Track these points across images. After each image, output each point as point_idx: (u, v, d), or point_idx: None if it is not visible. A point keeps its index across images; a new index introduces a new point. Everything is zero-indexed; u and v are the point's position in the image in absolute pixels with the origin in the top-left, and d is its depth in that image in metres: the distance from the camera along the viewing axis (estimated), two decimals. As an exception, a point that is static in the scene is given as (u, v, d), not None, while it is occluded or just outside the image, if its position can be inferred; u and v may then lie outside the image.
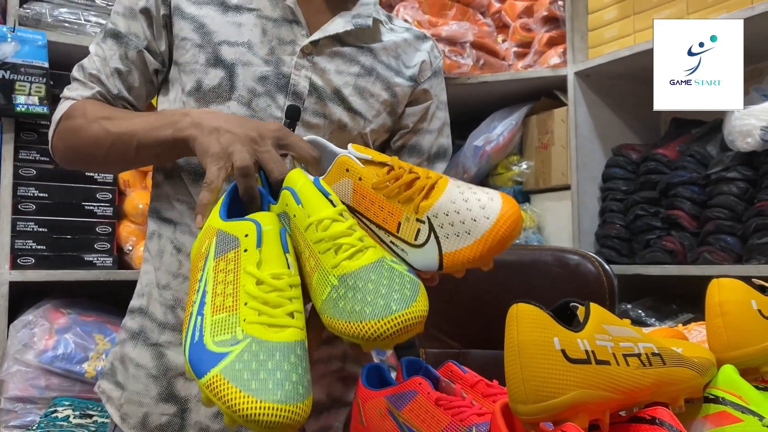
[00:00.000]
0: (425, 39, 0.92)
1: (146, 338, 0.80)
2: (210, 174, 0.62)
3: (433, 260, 0.57)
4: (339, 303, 0.54)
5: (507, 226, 0.56)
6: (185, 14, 0.79)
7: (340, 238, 0.56)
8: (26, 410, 1.49)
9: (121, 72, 0.80)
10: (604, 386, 0.47)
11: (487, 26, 2.15)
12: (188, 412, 0.77)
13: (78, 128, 0.78)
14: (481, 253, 0.56)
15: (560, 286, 1.25)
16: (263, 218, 0.57)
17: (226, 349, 0.50)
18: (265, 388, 0.48)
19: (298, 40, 0.80)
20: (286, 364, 0.50)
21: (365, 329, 0.52)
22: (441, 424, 0.56)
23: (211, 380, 0.49)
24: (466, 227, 0.56)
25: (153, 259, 0.83)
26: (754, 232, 1.52)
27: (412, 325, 0.52)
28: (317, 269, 0.56)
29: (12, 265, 1.55)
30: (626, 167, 1.87)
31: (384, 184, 0.60)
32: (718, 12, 1.60)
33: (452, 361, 0.68)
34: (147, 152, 0.74)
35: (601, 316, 0.51)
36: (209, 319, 0.53)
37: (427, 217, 0.58)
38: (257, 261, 0.54)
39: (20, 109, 1.54)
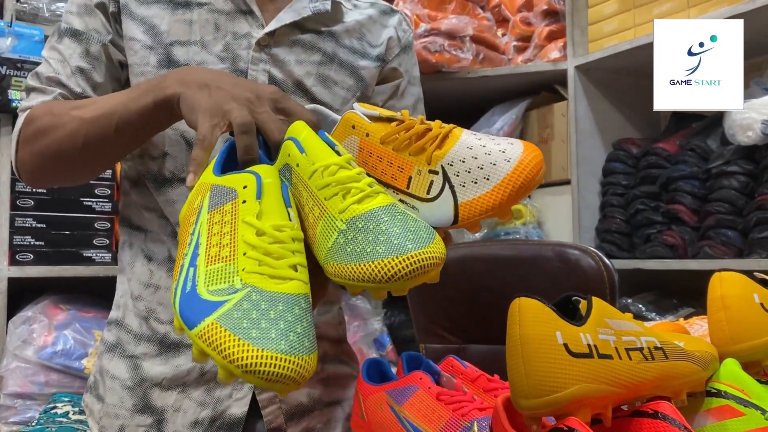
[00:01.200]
0: (392, 13, 0.87)
1: (122, 350, 0.79)
2: (202, 129, 0.56)
3: (447, 213, 0.53)
4: (347, 247, 0.48)
5: (530, 169, 0.51)
6: (134, 14, 0.75)
7: (348, 183, 0.51)
8: (26, 406, 1.49)
9: (83, 69, 0.74)
10: (607, 380, 0.47)
11: (486, 20, 2.14)
12: (165, 422, 0.75)
13: (44, 128, 0.71)
14: (501, 199, 0.51)
15: (560, 281, 1.25)
16: (263, 170, 0.52)
17: (223, 297, 0.46)
18: (267, 337, 0.43)
19: (254, 32, 0.76)
20: (290, 315, 0.45)
21: (378, 269, 0.46)
22: (442, 419, 0.56)
23: (206, 329, 0.44)
24: (485, 172, 0.51)
25: (125, 269, 0.80)
26: (755, 226, 1.52)
27: (429, 265, 0.46)
28: (322, 217, 0.51)
29: (11, 261, 1.55)
30: (626, 161, 1.87)
31: (393, 136, 0.55)
32: (718, 5, 1.60)
33: (453, 356, 0.68)
34: (130, 129, 0.66)
35: (603, 310, 0.51)
36: (203, 270, 0.48)
37: (441, 167, 0.53)
38: (257, 212, 0.49)
39: (16, 105, 1.53)
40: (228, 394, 0.76)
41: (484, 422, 0.55)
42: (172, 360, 0.76)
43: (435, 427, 0.56)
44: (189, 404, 0.75)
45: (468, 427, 0.55)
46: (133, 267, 0.79)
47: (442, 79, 2.01)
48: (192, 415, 0.75)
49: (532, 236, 1.98)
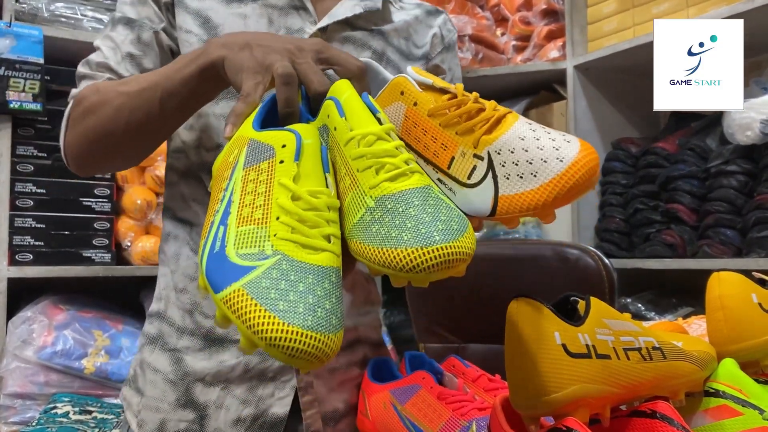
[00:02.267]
0: (438, 13, 0.89)
1: (164, 343, 0.78)
2: (246, 87, 0.56)
3: (485, 203, 0.49)
4: (372, 227, 0.46)
5: (582, 173, 0.47)
6: (188, 7, 0.76)
7: (383, 157, 0.48)
8: (26, 406, 1.49)
9: (134, 56, 0.75)
10: (605, 380, 0.47)
11: (485, 20, 2.14)
12: (207, 419, 0.75)
13: (92, 106, 0.71)
14: (546, 199, 0.47)
15: (560, 280, 1.25)
16: (303, 130, 0.50)
17: (252, 263, 0.44)
18: (294, 310, 0.41)
19: (306, 27, 0.77)
20: (320, 289, 0.43)
21: (400, 257, 0.44)
22: (442, 419, 0.56)
23: (231, 295, 0.43)
24: (533, 168, 0.48)
25: (169, 261, 0.80)
26: (754, 226, 1.52)
27: (455, 260, 0.44)
28: (352, 189, 0.49)
29: (10, 262, 1.55)
30: (626, 161, 1.87)
31: (443, 110, 0.52)
32: (717, 5, 1.60)
33: (455, 356, 0.68)
34: (174, 100, 0.65)
35: (601, 311, 0.51)
36: (233, 230, 0.46)
37: (488, 153, 0.50)
38: (294, 174, 0.47)
39: (13, 106, 1.53)
40: (270, 393, 0.75)
41: (483, 422, 0.55)
42: (216, 355, 0.75)
43: (435, 426, 0.56)
44: (231, 401, 0.75)
45: (467, 426, 0.55)
46: (178, 260, 0.78)
47: (441, 78, 2.01)
48: (234, 413, 0.75)
49: (532, 236, 1.98)
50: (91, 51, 0.79)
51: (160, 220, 1.88)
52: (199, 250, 0.48)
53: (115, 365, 1.55)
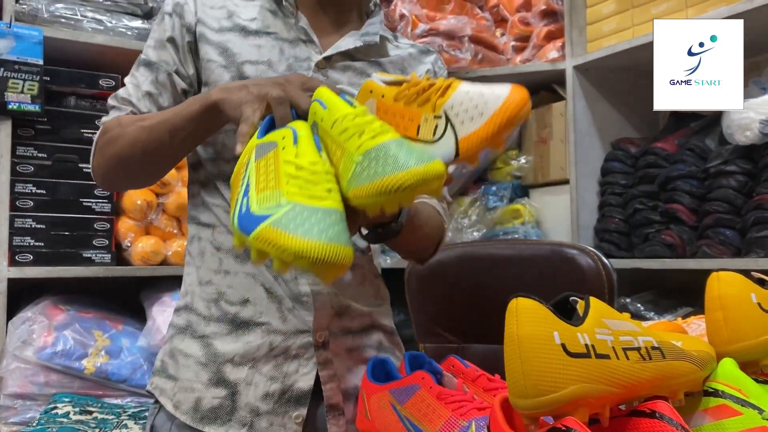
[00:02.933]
0: (429, 52, 1.00)
1: (193, 331, 0.86)
2: (246, 113, 0.69)
3: (450, 148, 0.62)
4: (363, 173, 0.58)
5: (516, 103, 0.61)
6: (210, 41, 0.87)
7: (363, 125, 0.60)
8: (26, 407, 1.49)
9: (151, 94, 0.88)
10: (604, 380, 0.47)
11: (485, 20, 2.14)
12: (238, 394, 0.82)
13: (115, 137, 0.84)
14: (494, 129, 0.60)
15: (559, 280, 1.25)
16: (297, 125, 0.64)
17: (273, 211, 0.56)
18: (311, 231, 0.53)
19: (313, 57, 0.89)
20: (328, 219, 0.55)
21: (386, 183, 0.56)
22: (441, 419, 0.56)
23: (261, 232, 0.55)
24: (479, 110, 0.61)
25: (194, 259, 0.89)
26: (753, 226, 1.52)
27: (429, 178, 0.56)
28: (343, 156, 0.60)
29: (10, 262, 1.55)
30: (625, 161, 1.87)
31: (404, 92, 0.66)
32: (716, 5, 1.60)
33: (454, 356, 0.68)
34: (180, 134, 0.79)
35: (600, 310, 0.51)
36: (254, 196, 0.59)
37: (444, 111, 0.63)
38: (295, 153, 0.60)
39: (12, 108, 1.53)
40: (295, 369, 0.83)
41: (482, 422, 0.55)
42: (242, 337, 0.83)
43: (434, 426, 0.56)
44: (260, 378, 0.83)
45: (466, 426, 0.55)
46: (203, 257, 0.88)
47: (440, 79, 2.01)
48: (263, 389, 0.82)
49: (531, 236, 1.99)
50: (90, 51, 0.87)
51: (160, 220, 1.89)
52: (230, 218, 0.60)
53: (116, 365, 1.55)
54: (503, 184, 2.12)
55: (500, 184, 2.13)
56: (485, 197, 2.13)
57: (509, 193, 2.10)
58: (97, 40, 1.65)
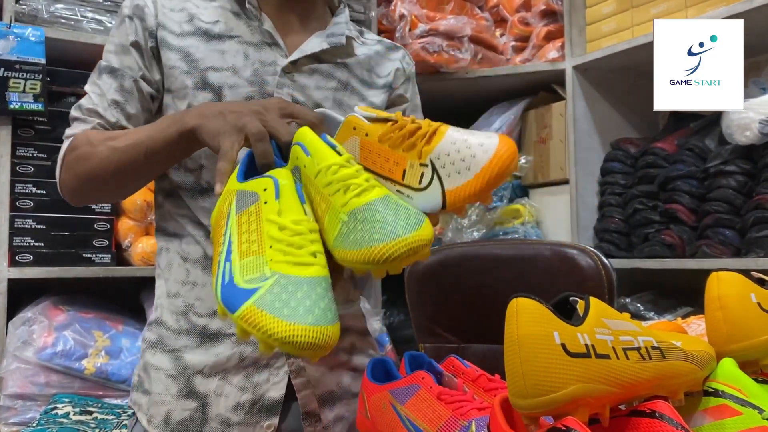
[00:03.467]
0: (396, 49, 0.99)
1: (164, 346, 0.85)
2: (224, 147, 0.66)
3: (436, 199, 0.61)
4: (349, 236, 0.57)
5: (504, 160, 0.60)
6: (171, 46, 0.84)
7: (348, 180, 0.59)
8: (26, 407, 1.49)
9: (118, 102, 0.84)
10: (604, 380, 0.47)
11: (485, 20, 2.14)
12: (208, 406, 0.81)
13: (84, 155, 0.81)
14: (481, 186, 0.59)
15: (559, 280, 1.25)
16: (279, 174, 0.61)
17: (257, 285, 0.54)
18: (296, 313, 0.52)
19: (278, 61, 0.86)
20: (314, 294, 0.54)
21: (374, 253, 0.55)
22: (442, 419, 0.56)
23: (246, 312, 0.53)
24: (466, 164, 0.60)
25: (163, 271, 0.88)
26: (753, 226, 1.52)
27: (418, 247, 0.55)
28: (328, 211, 0.59)
29: (10, 263, 1.55)
30: (625, 161, 1.87)
31: (389, 135, 0.64)
32: (716, 5, 1.60)
33: (454, 356, 0.68)
34: (156, 157, 0.77)
35: (600, 310, 0.51)
36: (237, 263, 0.57)
37: (430, 160, 0.61)
38: (277, 210, 0.58)
39: (14, 107, 1.53)
40: (265, 378, 0.82)
41: (482, 422, 0.55)
42: (212, 349, 0.82)
43: (434, 426, 0.56)
44: (230, 389, 0.82)
45: (466, 426, 0.55)
46: (171, 268, 0.86)
47: (440, 79, 2.01)
48: (233, 399, 0.81)
49: (531, 236, 1.99)
50: (90, 51, 0.86)
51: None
52: (213, 285, 0.58)
53: (116, 366, 1.55)
54: (503, 184, 2.13)
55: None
56: (485, 197, 2.13)
57: (509, 193, 2.10)
58: (97, 41, 1.64)
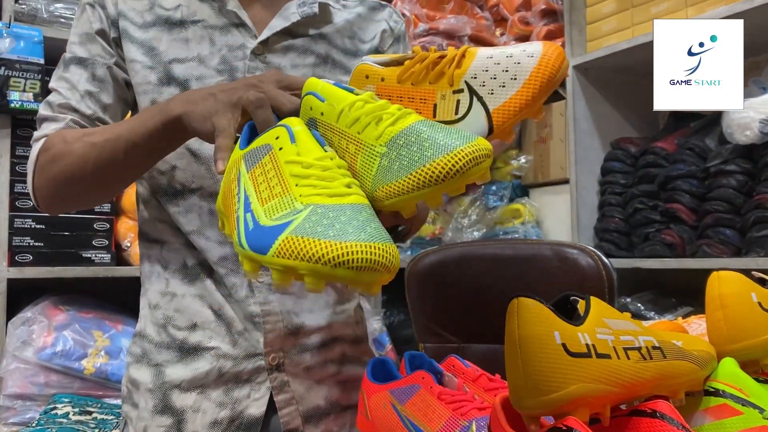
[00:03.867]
0: (381, 8, 0.89)
1: (148, 360, 0.81)
2: (221, 125, 0.59)
3: (481, 124, 0.53)
4: (393, 165, 0.48)
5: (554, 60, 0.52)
6: (133, 38, 0.78)
7: (378, 111, 0.51)
8: (25, 407, 1.49)
9: (92, 93, 0.77)
10: (605, 380, 0.47)
11: (485, 20, 2.14)
12: (184, 423, 0.77)
13: (58, 154, 0.73)
14: (533, 93, 0.51)
15: (559, 280, 1.25)
16: (290, 122, 0.53)
17: (290, 218, 0.45)
18: (345, 232, 0.43)
19: (247, 43, 0.78)
20: (360, 216, 0.45)
21: (432, 170, 0.46)
22: (442, 419, 0.56)
23: (282, 244, 0.43)
24: (511, 73, 0.52)
25: (144, 281, 0.84)
26: (753, 225, 1.52)
27: (479, 156, 0.46)
28: (360, 151, 0.50)
29: (10, 262, 1.55)
30: (625, 161, 1.87)
31: (409, 71, 0.56)
32: (716, 5, 1.60)
33: (454, 356, 0.68)
34: (138, 151, 0.69)
35: (601, 310, 0.51)
36: (260, 209, 0.48)
37: (465, 83, 0.53)
38: (296, 152, 0.49)
39: (14, 106, 1.53)
40: (246, 394, 0.77)
41: (482, 422, 0.55)
42: (191, 364, 0.78)
43: (435, 426, 0.56)
44: (208, 405, 0.77)
45: (467, 426, 0.55)
46: (151, 278, 0.82)
47: (440, 78, 2.01)
48: (211, 416, 0.77)
49: (531, 235, 1.99)
50: None
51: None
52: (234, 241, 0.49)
53: (115, 366, 1.55)
54: (503, 183, 2.13)
55: (500, 183, 2.13)
56: (485, 197, 2.13)
57: (509, 193, 2.10)
58: (97, 40, 1.65)
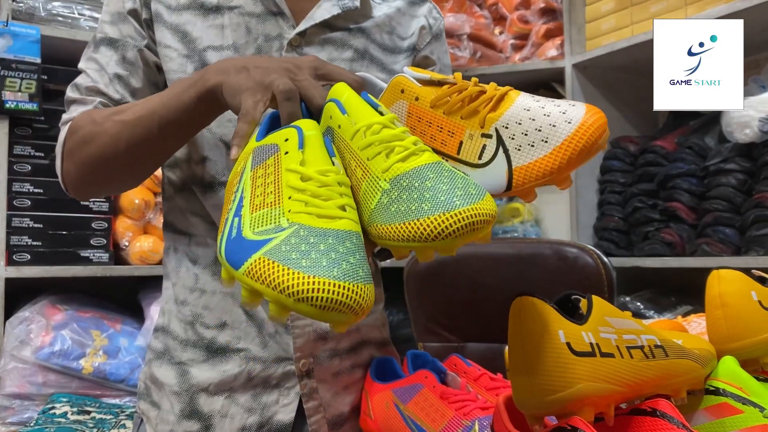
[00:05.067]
0: (421, 3, 0.86)
1: (171, 357, 0.78)
2: (246, 106, 0.56)
3: (500, 178, 0.50)
4: (391, 207, 0.46)
5: (592, 132, 0.47)
6: (166, 22, 0.75)
7: (392, 141, 0.49)
8: (24, 407, 1.48)
9: (121, 76, 0.75)
10: (610, 379, 0.46)
11: (484, 18, 2.14)
12: (212, 428, 0.75)
13: (88, 136, 0.71)
14: (561, 162, 0.47)
15: (559, 279, 1.25)
16: (304, 124, 0.51)
17: (270, 236, 0.44)
18: (318, 265, 0.41)
19: (285, 33, 0.76)
20: (342, 247, 0.42)
21: (424, 226, 0.44)
22: (445, 418, 0.56)
23: (253, 265, 0.42)
24: (543, 134, 0.48)
25: (170, 274, 0.81)
26: (753, 224, 1.52)
27: (478, 222, 0.44)
28: (365, 178, 0.49)
29: (8, 262, 1.55)
30: (624, 159, 1.87)
31: (444, 99, 0.53)
32: (715, 4, 1.60)
33: (456, 355, 0.68)
34: (172, 127, 0.66)
35: (603, 309, 0.51)
36: (248, 217, 0.47)
37: (495, 129, 0.50)
38: (300, 160, 0.48)
39: (9, 106, 1.52)
40: (275, 399, 0.75)
41: (485, 421, 0.55)
42: (219, 365, 0.75)
43: (437, 425, 0.56)
44: (236, 410, 0.75)
45: (469, 426, 0.55)
46: (179, 272, 0.79)
47: (439, 77, 2.01)
48: (239, 421, 0.74)
49: (530, 234, 1.98)
50: None
51: (159, 219, 1.88)
52: (217, 245, 0.48)
53: (114, 365, 1.55)
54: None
55: (499, 182, 2.13)
56: (484, 196, 2.13)
57: (508, 192, 2.10)
58: (95, 39, 1.64)
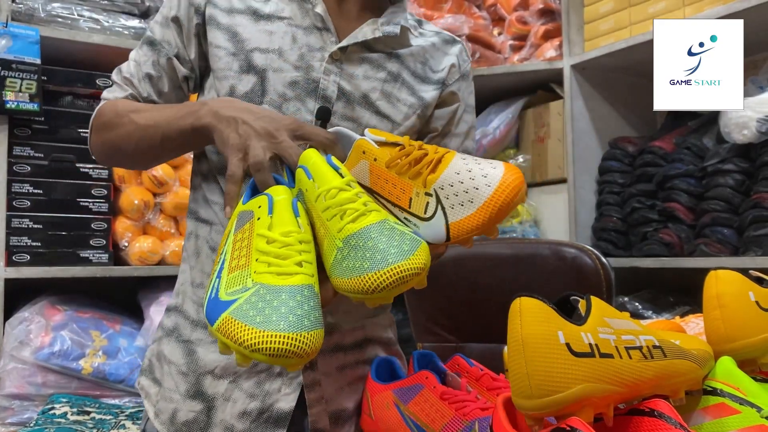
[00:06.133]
0: (454, 42, 0.94)
1: (179, 335, 0.83)
2: (231, 166, 0.67)
3: (441, 231, 0.59)
4: (343, 263, 0.56)
5: (507, 193, 0.57)
6: (219, 24, 0.82)
7: (345, 204, 0.58)
8: (23, 407, 1.48)
9: (152, 77, 0.84)
10: (609, 380, 0.47)
11: (482, 19, 2.14)
12: (214, 410, 0.79)
13: (109, 124, 0.83)
14: (484, 220, 0.57)
15: (557, 279, 1.25)
16: (275, 191, 0.61)
17: (236, 296, 0.54)
18: (268, 320, 0.51)
19: (327, 46, 0.83)
20: (292, 301, 0.53)
21: (365, 283, 0.54)
22: (445, 419, 0.56)
23: (222, 323, 0.53)
24: (469, 196, 0.58)
25: (189, 258, 0.86)
26: (751, 224, 1.52)
27: (408, 276, 0.54)
28: (326, 236, 0.59)
29: (7, 262, 1.55)
30: (623, 160, 1.87)
31: (395, 161, 0.63)
32: (713, 4, 1.60)
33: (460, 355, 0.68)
34: (171, 143, 0.78)
35: (602, 309, 0.51)
36: (225, 278, 0.57)
37: (434, 190, 0.60)
38: (268, 225, 0.58)
39: (10, 107, 1.52)
40: (277, 388, 0.79)
41: (485, 422, 0.55)
42: None
43: (437, 426, 0.56)
44: (239, 394, 0.78)
45: (469, 426, 0.55)
46: (199, 256, 0.84)
47: (438, 78, 2.01)
48: (241, 406, 0.78)
49: (529, 235, 1.99)
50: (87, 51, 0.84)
51: (158, 220, 1.88)
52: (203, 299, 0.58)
53: (113, 366, 1.55)
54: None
55: (498, 183, 2.13)
56: (483, 196, 2.13)
57: (507, 192, 2.10)
58: (94, 40, 1.64)
